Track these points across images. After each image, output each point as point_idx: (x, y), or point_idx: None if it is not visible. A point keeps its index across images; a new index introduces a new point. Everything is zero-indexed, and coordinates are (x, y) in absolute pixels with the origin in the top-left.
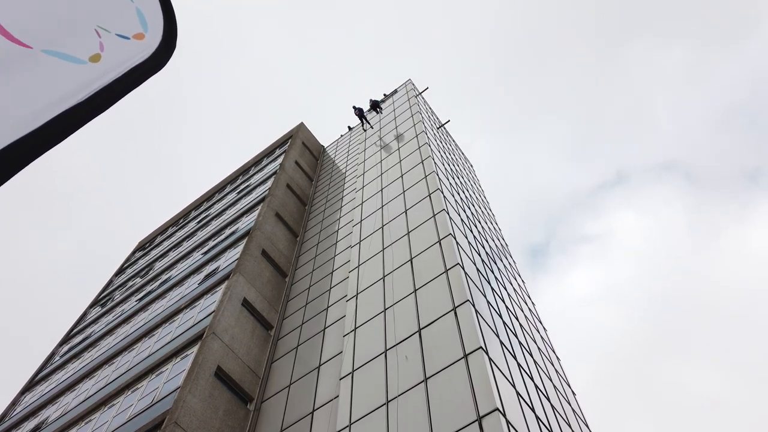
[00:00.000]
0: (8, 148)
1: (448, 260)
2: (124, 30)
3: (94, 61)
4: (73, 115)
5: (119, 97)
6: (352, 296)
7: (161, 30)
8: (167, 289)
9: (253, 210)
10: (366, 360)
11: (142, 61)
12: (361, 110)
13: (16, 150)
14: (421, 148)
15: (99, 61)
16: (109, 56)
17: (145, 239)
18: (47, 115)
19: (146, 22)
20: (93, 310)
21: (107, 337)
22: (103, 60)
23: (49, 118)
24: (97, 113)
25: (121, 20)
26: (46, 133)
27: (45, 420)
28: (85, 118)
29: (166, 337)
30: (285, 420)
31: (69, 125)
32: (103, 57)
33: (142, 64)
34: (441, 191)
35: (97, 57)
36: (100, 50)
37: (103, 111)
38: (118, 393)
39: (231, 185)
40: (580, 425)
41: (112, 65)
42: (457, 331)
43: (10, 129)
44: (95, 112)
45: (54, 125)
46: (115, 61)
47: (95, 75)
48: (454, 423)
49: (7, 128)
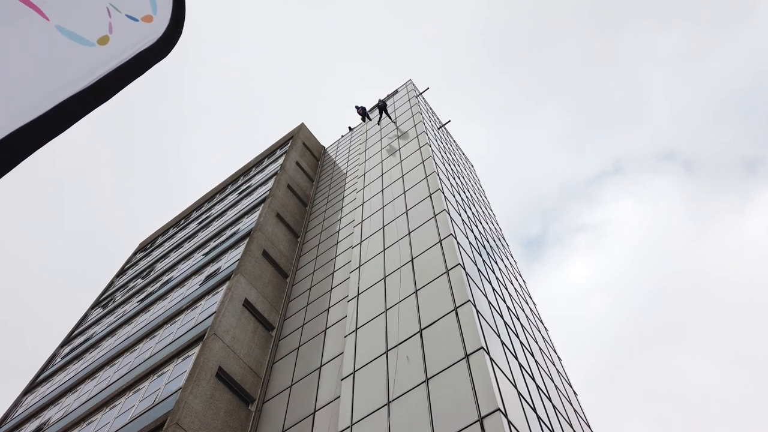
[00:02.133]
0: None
1: (449, 260)
2: (134, 11)
3: (102, 43)
4: (80, 101)
5: (124, 85)
6: (353, 297)
7: (170, 13)
8: (168, 290)
9: (254, 211)
10: (367, 360)
11: (149, 46)
12: (364, 109)
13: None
14: (422, 149)
15: (107, 44)
16: (117, 39)
17: (146, 240)
18: (55, 99)
19: (156, 3)
20: (94, 311)
21: (109, 339)
22: (111, 43)
23: (59, 101)
24: (103, 100)
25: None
26: (52, 119)
27: (47, 421)
28: (92, 104)
29: (168, 338)
30: (286, 421)
31: (76, 111)
32: (112, 39)
33: (149, 49)
34: (442, 191)
35: (106, 39)
36: (108, 32)
37: (109, 98)
38: (119, 394)
39: (232, 186)
40: (581, 425)
41: (120, 49)
42: (459, 331)
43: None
44: (101, 99)
45: (61, 110)
46: (123, 45)
47: (102, 59)
48: (455, 423)
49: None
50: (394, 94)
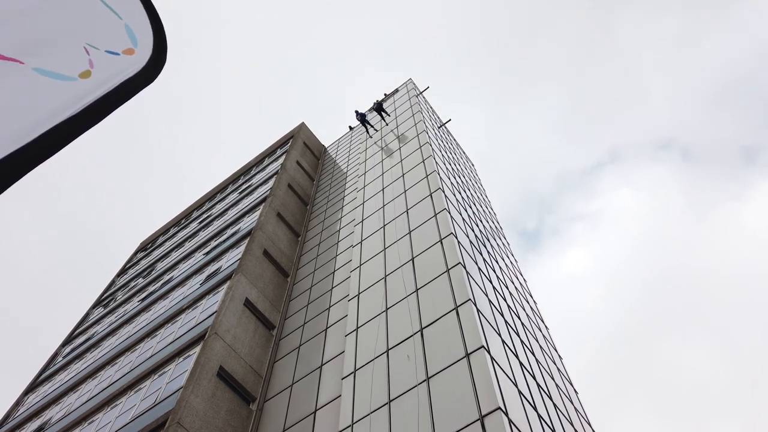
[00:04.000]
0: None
1: (449, 259)
2: (113, 46)
3: (84, 77)
4: (65, 129)
5: (111, 110)
6: (353, 296)
7: (151, 44)
8: (169, 290)
9: (254, 210)
10: (368, 359)
11: (133, 75)
12: (363, 116)
13: (9, 163)
14: (422, 148)
15: (89, 77)
16: (99, 72)
17: (147, 239)
18: (40, 129)
19: (135, 37)
20: (95, 310)
21: (110, 338)
22: (94, 76)
23: (42, 131)
24: (89, 126)
25: (110, 37)
26: (39, 147)
27: (48, 420)
28: (77, 132)
29: (169, 338)
30: (287, 419)
31: (61, 138)
32: (93, 73)
33: (133, 78)
34: (442, 190)
35: (87, 73)
36: (90, 66)
37: (95, 124)
38: (121, 393)
39: (233, 185)
40: (582, 424)
41: (103, 80)
42: (459, 330)
43: (5, 142)
44: (87, 125)
45: (47, 139)
46: (106, 76)
47: (86, 90)
48: (456, 422)
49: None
50: (395, 93)
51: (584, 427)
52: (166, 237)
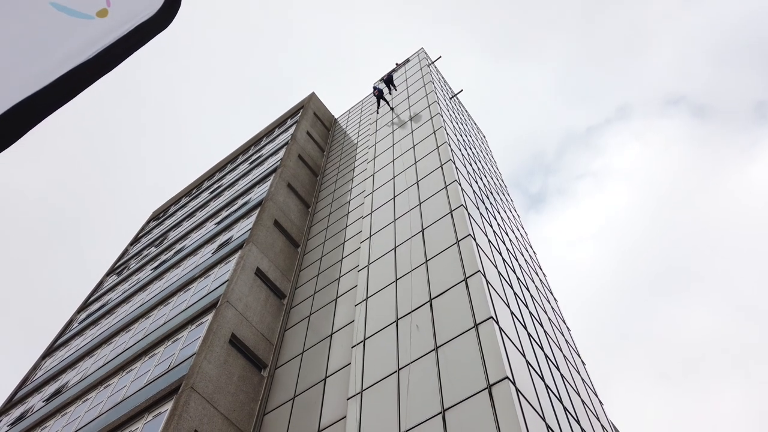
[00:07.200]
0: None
1: (459, 231)
2: None
3: (101, 16)
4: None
5: (124, 57)
6: (363, 266)
7: None
8: (181, 259)
9: (265, 180)
10: (377, 329)
11: (149, 18)
12: (380, 91)
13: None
14: (434, 119)
15: (106, 16)
16: (116, 11)
17: (159, 209)
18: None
19: None
20: (109, 278)
21: (124, 305)
22: (110, 15)
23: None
24: (103, 73)
25: None
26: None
27: (65, 384)
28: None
29: (182, 305)
30: (298, 386)
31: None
32: (111, 12)
33: (148, 21)
34: (453, 162)
35: (104, 12)
36: (107, 5)
37: (109, 70)
38: (135, 359)
39: (243, 156)
40: (589, 394)
41: (120, 21)
42: (468, 301)
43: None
44: (101, 72)
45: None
46: (122, 17)
47: (102, 31)
48: (464, 390)
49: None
50: (406, 63)
51: (591, 398)
52: (178, 206)
